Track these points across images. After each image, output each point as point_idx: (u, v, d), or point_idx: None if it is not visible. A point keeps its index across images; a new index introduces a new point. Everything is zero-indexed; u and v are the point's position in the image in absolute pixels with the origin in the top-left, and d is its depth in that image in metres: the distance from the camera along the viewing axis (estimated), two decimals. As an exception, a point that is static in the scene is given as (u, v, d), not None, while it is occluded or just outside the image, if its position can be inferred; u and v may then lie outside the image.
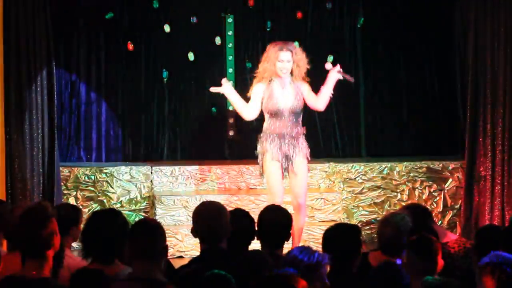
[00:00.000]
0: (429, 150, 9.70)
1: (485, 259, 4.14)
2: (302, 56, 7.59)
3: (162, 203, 8.58)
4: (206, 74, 9.69)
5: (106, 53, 9.57)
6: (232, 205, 8.26)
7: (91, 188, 8.86)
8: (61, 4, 8.81)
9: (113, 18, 9.40)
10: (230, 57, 9.63)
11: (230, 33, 9.65)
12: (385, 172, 9.17)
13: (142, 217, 8.57)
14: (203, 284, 3.93)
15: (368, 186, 9.14)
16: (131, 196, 8.90)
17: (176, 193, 8.80)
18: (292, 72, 7.57)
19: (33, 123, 8.20)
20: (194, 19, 9.44)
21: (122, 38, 9.47)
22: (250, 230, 5.16)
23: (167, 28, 9.44)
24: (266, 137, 7.52)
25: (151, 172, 8.96)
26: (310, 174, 8.51)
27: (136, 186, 8.91)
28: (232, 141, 9.64)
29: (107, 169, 8.93)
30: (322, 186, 9.11)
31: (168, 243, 7.60)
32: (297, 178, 7.54)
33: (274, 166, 7.47)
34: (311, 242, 7.89)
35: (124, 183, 8.90)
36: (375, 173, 9.15)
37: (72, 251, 5.54)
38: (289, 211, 5.52)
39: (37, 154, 8.24)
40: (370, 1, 9.75)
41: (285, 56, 7.50)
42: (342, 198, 8.96)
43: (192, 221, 4.94)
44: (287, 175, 7.59)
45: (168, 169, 9.00)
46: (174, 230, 8.30)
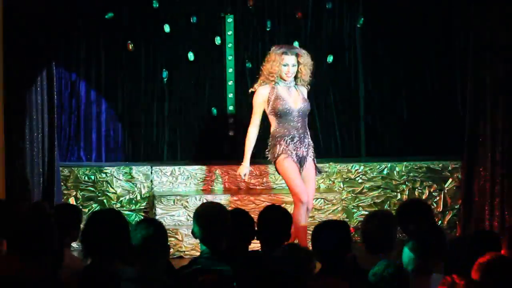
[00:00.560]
0: (429, 150, 9.70)
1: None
2: (308, 60, 7.57)
3: (162, 203, 8.58)
4: (206, 74, 9.69)
5: (106, 53, 9.58)
6: (232, 205, 8.27)
7: (91, 188, 8.86)
8: (61, 4, 8.80)
9: (113, 18, 9.41)
10: (230, 57, 9.63)
11: (230, 33, 9.65)
12: (385, 172, 9.17)
13: (143, 217, 8.59)
14: (202, 285, 3.93)
15: (368, 186, 9.14)
16: (131, 196, 8.90)
17: (176, 193, 8.80)
18: (297, 76, 7.55)
19: (33, 123, 8.19)
20: (194, 19, 9.45)
21: (122, 38, 9.47)
22: (250, 230, 5.16)
23: (167, 28, 9.44)
24: (278, 141, 7.45)
25: (151, 172, 8.96)
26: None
27: (136, 186, 8.92)
28: (231, 138, 9.63)
29: (107, 169, 8.93)
30: (322, 186, 9.11)
31: (168, 243, 7.58)
32: (309, 180, 7.51)
33: (294, 167, 7.40)
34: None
35: (124, 183, 8.90)
36: (375, 173, 9.16)
37: (72, 251, 5.54)
38: (289, 211, 5.53)
39: (37, 154, 8.23)
40: (370, 1, 9.75)
41: (290, 60, 7.48)
42: (342, 198, 8.96)
43: (193, 222, 4.94)
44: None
45: (168, 169, 9.00)
46: (174, 230, 8.30)
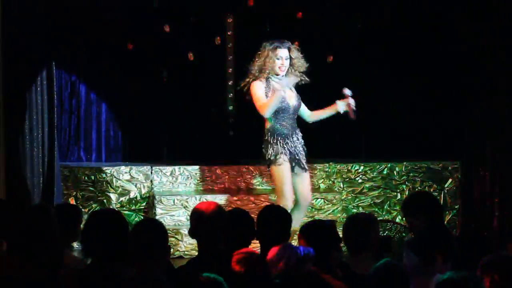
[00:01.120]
0: (429, 150, 9.70)
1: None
2: (298, 54, 7.57)
3: (162, 203, 8.58)
4: (206, 74, 9.70)
5: (106, 53, 9.58)
6: (232, 205, 8.27)
7: (91, 188, 8.87)
8: (61, 4, 8.80)
9: (113, 18, 9.41)
10: (230, 57, 9.63)
11: (230, 33, 9.65)
12: (385, 172, 9.17)
13: (144, 218, 8.60)
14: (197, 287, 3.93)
15: (368, 186, 9.15)
16: (131, 196, 8.91)
17: (176, 193, 8.80)
18: (287, 72, 7.53)
19: (33, 123, 8.20)
20: (194, 19, 9.46)
21: (122, 38, 9.47)
22: (250, 230, 5.16)
23: (167, 28, 9.44)
24: (275, 139, 7.45)
25: (151, 172, 8.97)
26: (310, 175, 8.51)
27: (136, 186, 8.92)
28: (231, 138, 9.62)
29: (107, 169, 8.94)
30: (322, 186, 9.12)
31: (168, 243, 7.56)
32: (304, 178, 7.52)
33: (287, 170, 7.42)
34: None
35: (124, 183, 8.90)
36: (375, 173, 9.16)
37: (72, 251, 5.54)
38: (288, 211, 5.53)
39: (37, 154, 8.24)
40: (370, 1, 9.75)
41: (284, 53, 7.48)
42: (342, 198, 8.97)
43: (190, 222, 4.94)
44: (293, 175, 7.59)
45: (168, 169, 9.01)
46: (174, 230, 8.31)
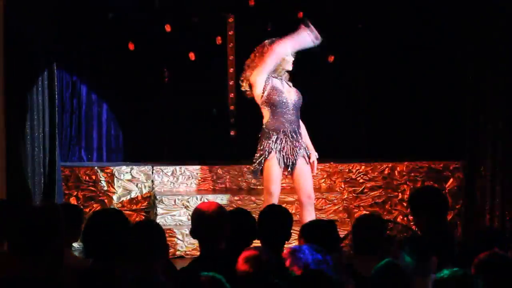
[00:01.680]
0: (430, 150, 9.69)
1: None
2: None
3: (163, 203, 8.58)
4: (207, 74, 9.69)
5: (107, 53, 9.58)
6: (233, 205, 8.27)
7: (92, 188, 8.87)
8: (63, 4, 8.80)
9: (114, 18, 9.41)
10: (231, 57, 9.63)
11: (231, 33, 9.65)
12: (386, 172, 9.17)
13: (143, 218, 8.61)
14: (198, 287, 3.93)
15: (369, 186, 9.14)
16: (132, 196, 8.90)
17: (177, 193, 8.80)
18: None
19: (34, 123, 8.20)
20: (195, 19, 9.46)
21: (123, 38, 9.47)
22: (251, 230, 5.16)
23: (168, 28, 9.44)
24: (270, 134, 7.44)
25: (152, 172, 8.97)
26: (311, 174, 8.51)
27: (137, 186, 8.92)
28: (232, 138, 9.63)
29: (108, 169, 8.93)
30: (323, 186, 9.11)
31: (169, 243, 7.58)
32: (305, 175, 7.51)
33: (277, 167, 7.41)
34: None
35: (125, 183, 8.90)
36: (376, 173, 9.16)
37: (73, 251, 5.54)
38: (290, 211, 5.53)
39: (38, 154, 8.23)
40: (371, 2, 9.75)
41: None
42: (343, 198, 8.97)
43: (191, 222, 4.93)
44: (289, 174, 7.58)
45: (169, 169, 9.01)
46: (175, 230, 8.30)
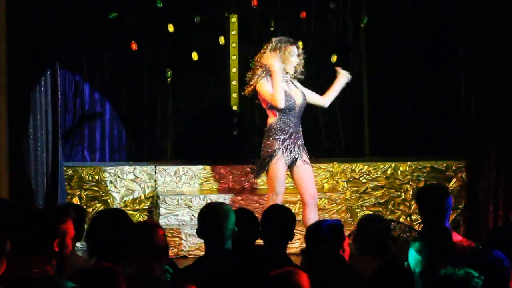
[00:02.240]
0: (433, 150, 9.69)
1: None
2: (301, 52, 7.61)
3: (166, 203, 8.58)
4: (210, 74, 9.69)
5: (110, 53, 9.58)
6: (236, 205, 8.26)
7: (95, 188, 8.87)
8: (65, 4, 8.81)
9: (117, 18, 9.41)
10: (234, 57, 9.62)
11: (234, 33, 9.64)
12: (389, 172, 9.16)
13: (145, 218, 8.61)
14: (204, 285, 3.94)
15: (372, 186, 9.14)
16: (135, 196, 8.90)
17: (180, 193, 8.80)
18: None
19: (37, 123, 8.20)
20: (198, 19, 9.45)
21: (126, 38, 9.47)
22: (254, 230, 5.16)
23: (171, 28, 9.44)
24: (276, 135, 7.45)
25: (155, 172, 8.97)
26: (314, 174, 8.51)
27: (140, 186, 8.92)
28: (235, 137, 9.62)
29: (111, 169, 8.94)
30: (326, 186, 9.11)
31: (172, 243, 7.60)
32: (308, 175, 7.54)
33: (284, 168, 7.44)
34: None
35: (128, 183, 8.90)
36: (379, 173, 9.15)
37: (76, 251, 5.54)
38: (293, 211, 5.53)
39: (41, 154, 8.24)
40: (374, 1, 9.74)
41: (295, 51, 7.50)
42: (346, 198, 8.96)
43: (198, 222, 4.94)
44: (290, 174, 7.62)
45: (172, 169, 9.01)
46: (178, 230, 8.31)
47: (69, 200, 8.56)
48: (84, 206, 8.14)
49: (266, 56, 7.49)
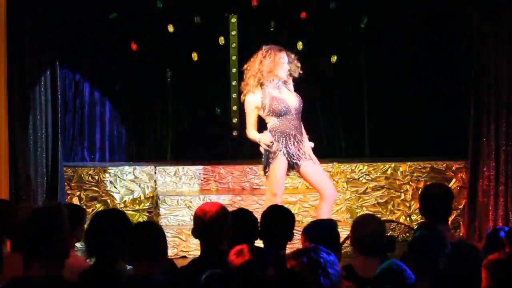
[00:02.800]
0: (433, 150, 9.69)
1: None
2: (294, 59, 7.60)
3: (166, 203, 8.58)
4: (210, 74, 9.70)
5: (110, 53, 9.59)
6: (236, 205, 8.26)
7: (95, 188, 8.87)
8: (65, 4, 8.82)
9: (117, 18, 9.41)
10: (234, 57, 9.63)
11: (234, 33, 9.65)
12: (389, 172, 9.16)
13: (145, 219, 8.61)
14: (202, 285, 3.93)
15: (372, 186, 9.14)
16: (135, 196, 8.91)
17: (180, 193, 8.80)
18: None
19: (37, 123, 8.21)
20: (198, 19, 9.46)
21: (126, 38, 9.47)
22: (253, 230, 5.16)
23: (171, 28, 9.45)
24: (278, 136, 7.46)
25: (155, 172, 8.97)
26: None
27: (140, 186, 8.92)
28: (234, 138, 9.62)
29: (111, 169, 8.94)
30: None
31: (172, 243, 7.59)
32: (321, 174, 7.56)
33: (284, 169, 7.45)
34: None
35: (128, 183, 8.91)
36: (379, 173, 9.15)
37: (76, 251, 5.54)
38: (292, 211, 5.53)
39: (41, 154, 8.25)
40: (374, 1, 9.75)
41: (285, 57, 7.50)
42: (346, 198, 8.96)
43: (193, 222, 4.94)
44: (293, 173, 7.64)
45: (172, 169, 9.01)
46: (178, 230, 8.30)
47: (69, 201, 8.56)
48: (84, 206, 8.14)
49: (255, 64, 7.50)
